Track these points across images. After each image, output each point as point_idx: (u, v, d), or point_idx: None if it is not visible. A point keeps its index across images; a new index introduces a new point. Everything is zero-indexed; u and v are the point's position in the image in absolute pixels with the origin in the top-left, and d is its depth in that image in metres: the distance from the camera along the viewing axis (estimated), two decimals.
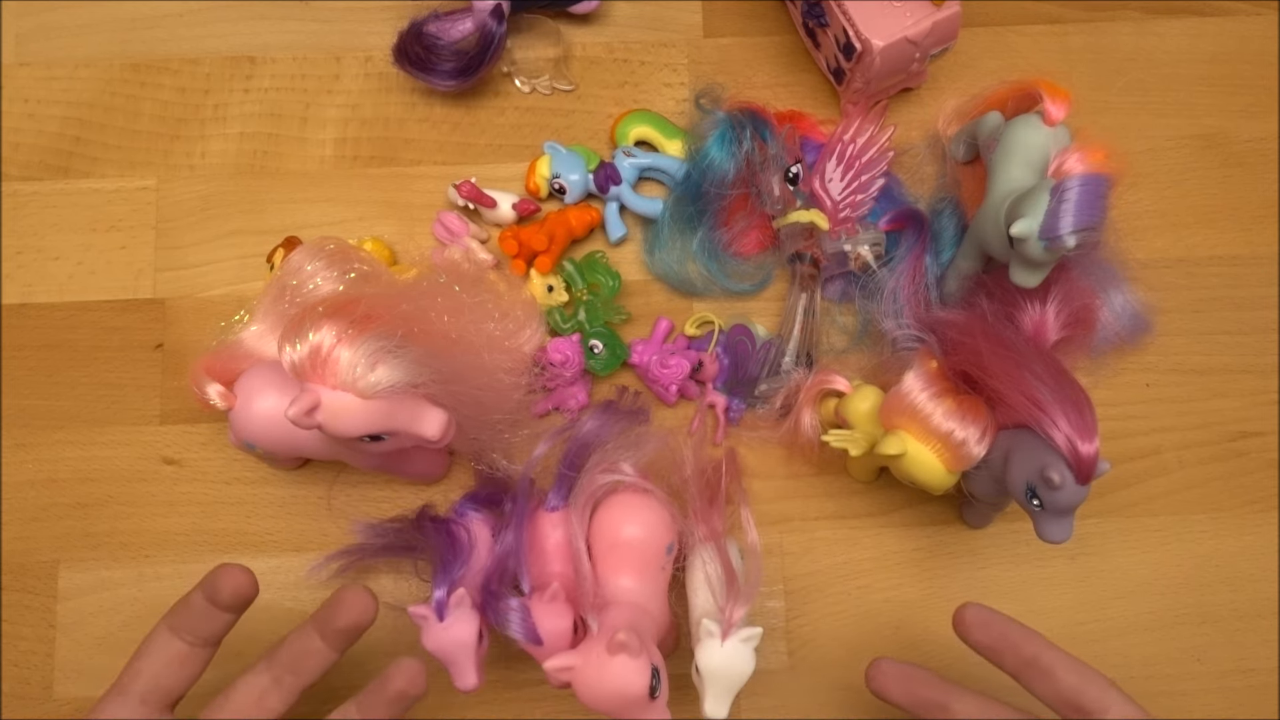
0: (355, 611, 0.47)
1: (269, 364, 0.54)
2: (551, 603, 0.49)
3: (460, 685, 0.49)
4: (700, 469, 0.55)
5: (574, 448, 0.54)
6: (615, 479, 0.52)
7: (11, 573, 0.60)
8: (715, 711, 0.48)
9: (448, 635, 0.49)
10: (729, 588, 0.49)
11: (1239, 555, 0.60)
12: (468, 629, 0.49)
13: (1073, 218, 0.48)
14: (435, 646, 0.49)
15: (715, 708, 0.48)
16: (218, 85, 0.66)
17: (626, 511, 0.52)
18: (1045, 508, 0.47)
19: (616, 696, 0.45)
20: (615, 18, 0.68)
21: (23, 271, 0.64)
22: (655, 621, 0.50)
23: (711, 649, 0.48)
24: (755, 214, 0.62)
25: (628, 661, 0.45)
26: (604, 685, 0.45)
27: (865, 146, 0.61)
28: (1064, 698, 0.47)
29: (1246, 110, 0.66)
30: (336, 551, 0.57)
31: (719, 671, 0.47)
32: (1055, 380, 0.48)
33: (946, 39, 0.60)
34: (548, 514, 0.53)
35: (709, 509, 0.53)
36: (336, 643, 0.47)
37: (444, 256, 0.61)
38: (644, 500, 0.52)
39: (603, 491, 0.53)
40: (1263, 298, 0.63)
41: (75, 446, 0.61)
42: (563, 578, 0.52)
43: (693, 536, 0.52)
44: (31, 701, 0.58)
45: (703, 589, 0.51)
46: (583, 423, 0.55)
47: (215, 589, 0.47)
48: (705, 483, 0.54)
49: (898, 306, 0.58)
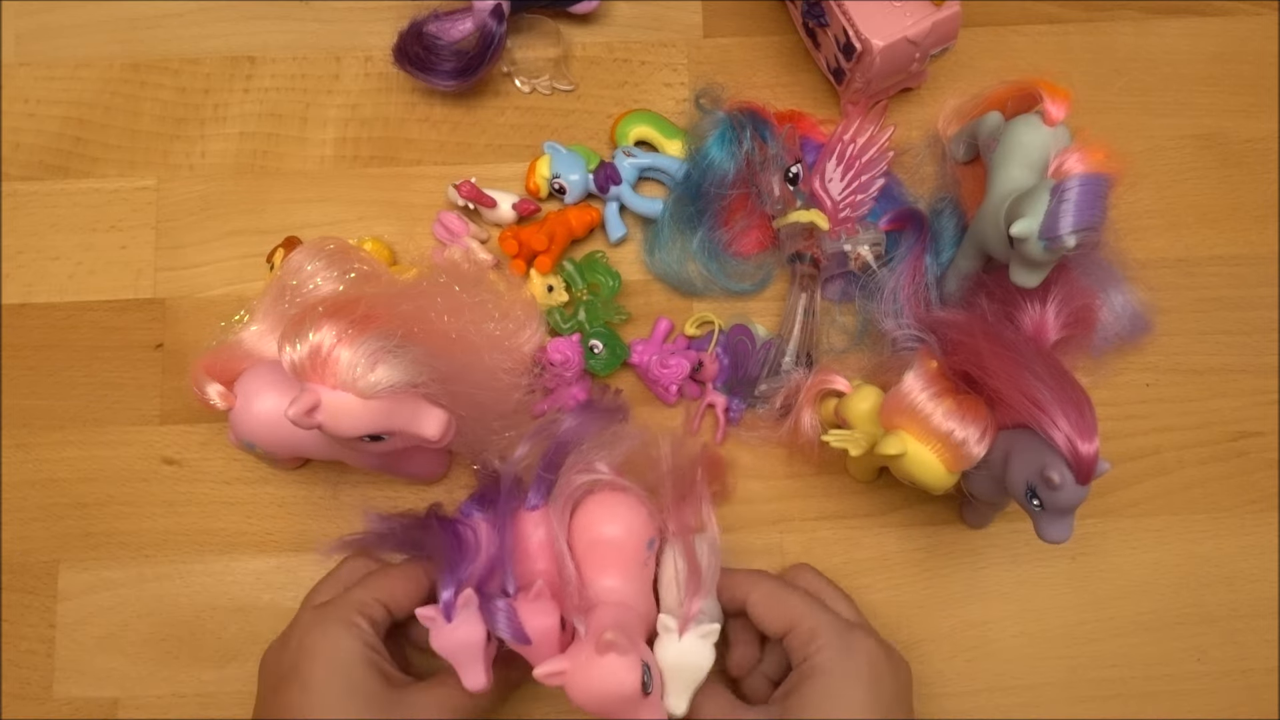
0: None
1: (269, 364, 0.54)
2: (536, 601, 0.49)
3: (469, 685, 0.48)
4: (676, 465, 0.55)
5: (552, 448, 0.54)
6: (591, 479, 0.52)
7: (11, 573, 0.60)
8: (675, 708, 0.48)
9: (456, 636, 0.48)
10: (689, 582, 0.50)
11: (1239, 555, 0.60)
12: (476, 629, 0.48)
13: (1073, 218, 0.48)
14: (443, 647, 0.49)
15: (675, 704, 0.48)
16: (218, 85, 0.66)
17: (604, 510, 0.52)
18: (1045, 508, 0.47)
19: (609, 696, 0.45)
20: (615, 18, 0.68)
21: (23, 271, 0.64)
22: (642, 618, 0.51)
23: (669, 644, 0.48)
24: (755, 214, 0.62)
25: (617, 660, 0.45)
26: (596, 686, 0.45)
27: (865, 146, 0.61)
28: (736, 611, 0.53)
29: (1246, 110, 0.66)
30: (346, 537, 0.56)
31: (676, 666, 0.48)
32: (1055, 380, 0.48)
33: (946, 39, 0.60)
34: (529, 513, 0.53)
35: (680, 504, 0.53)
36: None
37: (444, 256, 0.61)
38: (622, 498, 0.53)
39: (580, 491, 0.53)
40: (1263, 298, 0.63)
41: (75, 446, 0.61)
42: (547, 575, 0.52)
43: (666, 532, 0.53)
44: (31, 701, 0.58)
45: (672, 586, 0.52)
46: (561, 421, 0.55)
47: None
48: (679, 479, 0.54)
49: (898, 306, 0.58)
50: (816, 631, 0.50)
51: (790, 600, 0.51)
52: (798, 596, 0.52)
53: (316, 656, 0.49)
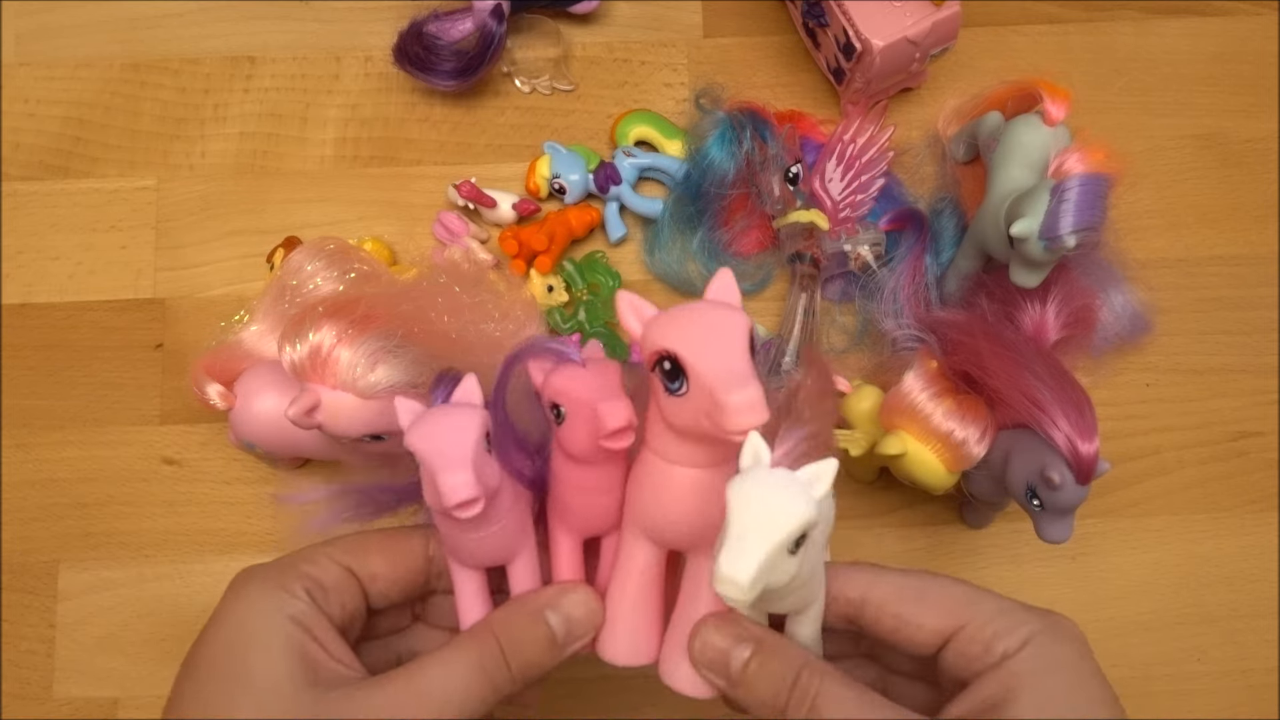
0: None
1: (269, 364, 0.54)
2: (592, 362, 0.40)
3: (445, 490, 0.35)
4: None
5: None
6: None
7: (11, 573, 0.60)
8: (730, 567, 0.31)
9: (445, 421, 0.38)
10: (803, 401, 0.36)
11: (1239, 555, 0.60)
12: (471, 416, 0.38)
13: (1073, 218, 0.48)
14: (423, 440, 0.37)
15: (729, 561, 0.31)
16: (218, 85, 0.66)
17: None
18: (1045, 508, 0.47)
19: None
20: (615, 18, 0.68)
21: (23, 271, 0.64)
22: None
23: (749, 476, 0.33)
24: (755, 214, 0.62)
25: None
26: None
27: (865, 146, 0.61)
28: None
29: (1246, 110, 0.66)
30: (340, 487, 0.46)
31: (747, 505, 0.32)
32: (1055, 380, 0.48)
33: (946, 39, 0.60)
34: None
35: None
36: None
37: (444, 256, 0.61)
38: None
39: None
40: (1263, 298, 0.63)
41: (75, 446, 0.61)
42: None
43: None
44: (31, 701, 0.58)
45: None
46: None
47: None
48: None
49: (898, 306, 0.58)
50: (1005, 628, 0.36)
51: (941, 591, 0.38)
52: (951, 584, 0.38)
53: (218, 628, 0.37)
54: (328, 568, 0.39)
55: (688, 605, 0.39)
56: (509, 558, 0.41)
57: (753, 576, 0.31)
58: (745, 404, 0.33)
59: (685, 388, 0.35)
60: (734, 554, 0.31)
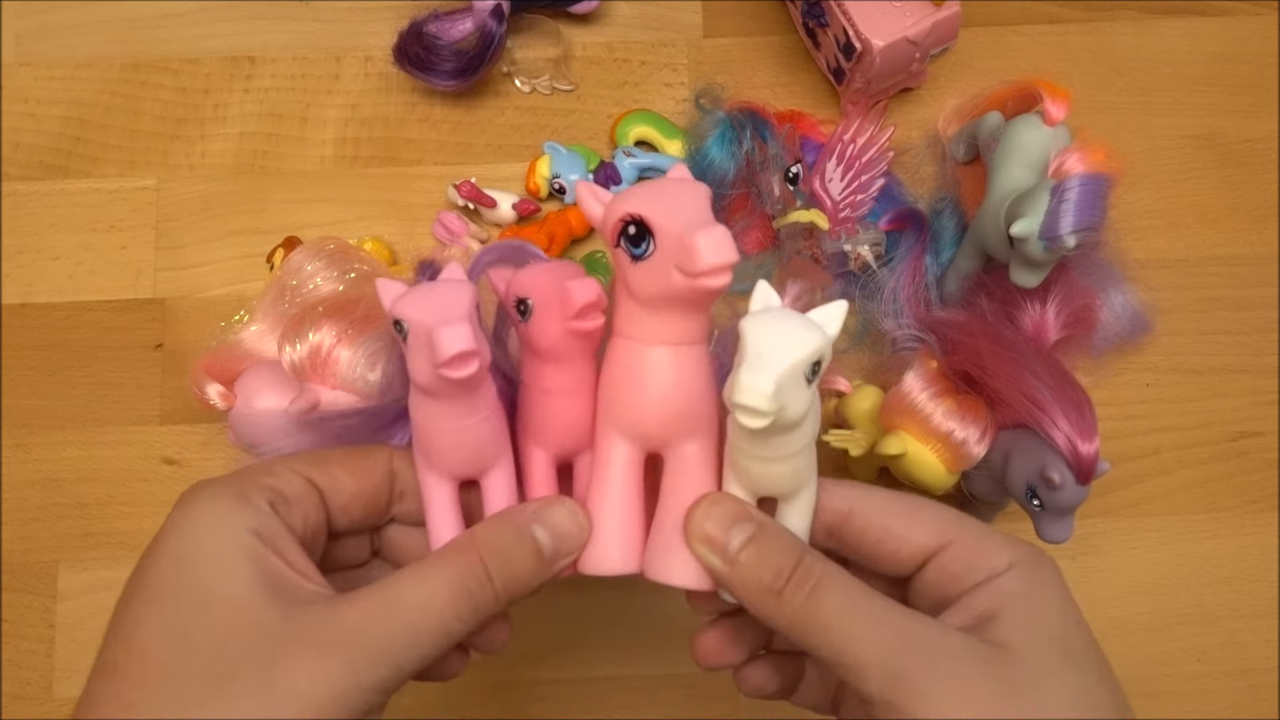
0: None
1: (269, 364, 0.54)
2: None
3: (447, 339, 0.33)
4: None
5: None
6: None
7: (11, 573, 0.60)
8: (751, 377, 0.31)
9: (436, 290, 0.36)
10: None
11: (1239, 555, 0.60)
12: (462, 286, 0.36)
13: (1073, 218, 0.48)
14: (415, 306, 0.35)
15: (750, 372, 0.31)
16: (218, 85, 0.66)
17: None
18: (1045, 508, 0.47)
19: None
20: (615, 18, 0.68)
21: (23, 271, 0.64)
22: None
23: (762, 312, 0.34)
24: (755, 214, 0.62)
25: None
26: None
27: (865, 146, 0.61)
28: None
29: (1246, 110, 0.66)
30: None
31: (764, 331, 0.32)
32: (1055, 380, 0.48)
33: (946, 39, 0.60)
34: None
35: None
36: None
37: (444, 256, 0.61)
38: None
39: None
40: (1263, 298, 0.63)
41: (75, 446, 0.61)
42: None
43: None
44: (31, 701, 0.58)
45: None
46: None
47: None
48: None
49: (898, 306, 0.58)
50: (992, 549, 0.36)
51: (930, 510, 0.37)
52: (939, 505, 0.38)
53: (172, 542, 0.34)
54: (289, 479, 0.36)
55: (671, 500, 0.37)
56: (486, 465, 0.38)
57: (774, 386, 0.31)
58: (713, 242, 0.32)
59: (651, 247, 0.34)
60: (754, 367, 0.31)
